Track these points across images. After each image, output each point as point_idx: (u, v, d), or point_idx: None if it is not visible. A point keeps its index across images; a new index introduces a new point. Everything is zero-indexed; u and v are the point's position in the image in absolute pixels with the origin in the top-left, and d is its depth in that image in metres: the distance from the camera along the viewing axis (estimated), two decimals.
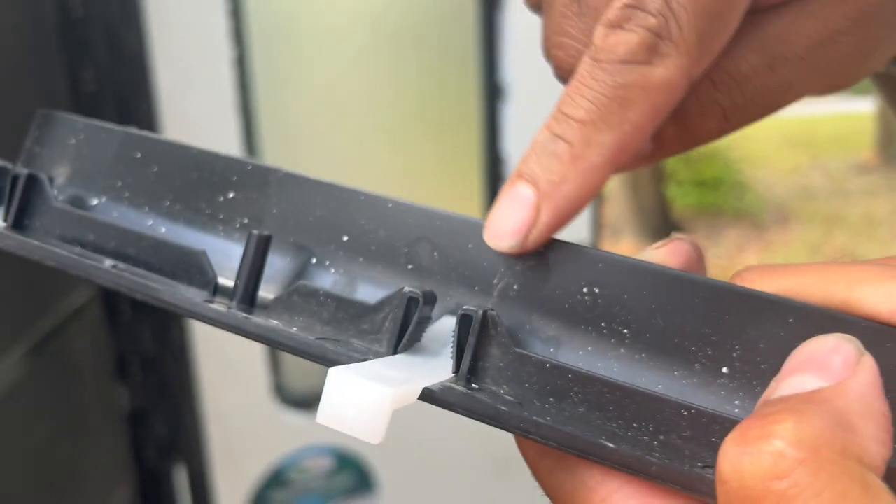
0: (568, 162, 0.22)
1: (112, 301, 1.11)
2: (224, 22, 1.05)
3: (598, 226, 1.42)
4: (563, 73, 0.27)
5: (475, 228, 0.24)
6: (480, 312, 0.22)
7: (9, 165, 0.30)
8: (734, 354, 0.20)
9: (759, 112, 0.29)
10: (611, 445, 0.19)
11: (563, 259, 0.23)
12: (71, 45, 1.03)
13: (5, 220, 0.29)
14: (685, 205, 6.99)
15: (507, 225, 0.22)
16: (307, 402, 1.25)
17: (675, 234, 0.25)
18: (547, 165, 0.23)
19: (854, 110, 16.25)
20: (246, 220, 0.28)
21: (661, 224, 6.14)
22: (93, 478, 1.04)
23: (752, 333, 0.20)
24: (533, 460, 0.24)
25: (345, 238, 0.26)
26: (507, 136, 1.28)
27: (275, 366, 1.21)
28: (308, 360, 0.23)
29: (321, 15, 1.14)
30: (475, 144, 1.28)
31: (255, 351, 1.16)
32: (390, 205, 0.25)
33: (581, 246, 0.23)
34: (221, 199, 0.28)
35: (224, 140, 1.08)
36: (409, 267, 0.25)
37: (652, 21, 0.22)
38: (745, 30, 0.25)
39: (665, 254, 0.23)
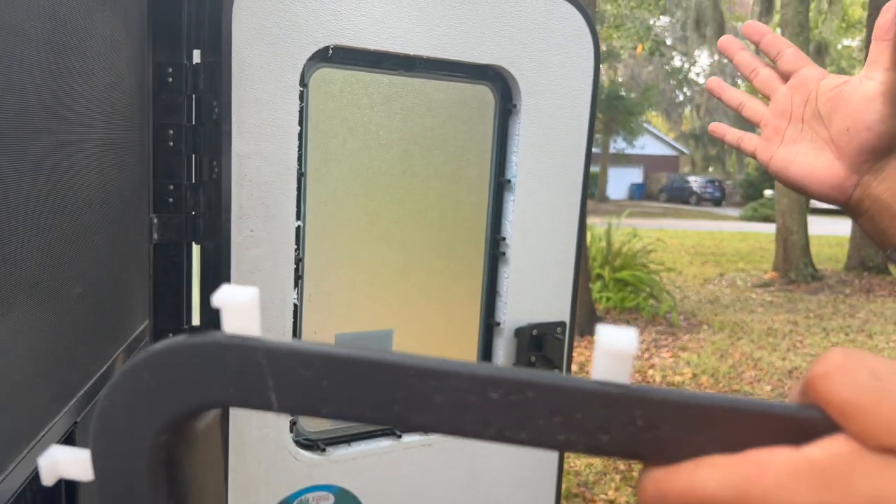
0: None
1: (159, 337, 1.22)
2: (297, 102, 1.23)
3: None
4: None
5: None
6: None
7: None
8: None
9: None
10: None
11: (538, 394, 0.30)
12: (159, 106, 1.18)
13: None
14: (608, 304, 7.38)
15: None
16: (318, 443, 1.37)
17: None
18: None
19: (755, 230, 17.49)
20: None
21: (587, 319, 6.47)
22: None
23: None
24: None
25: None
26: (507, 220, 1.50)
27: None
28: None
29: (367, 110, 1.34)
30: (483, 224, 1.49)
31: None
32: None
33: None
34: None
35: (283, 204, 1.24)
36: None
37: None
38: None
39: None
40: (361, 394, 0.29)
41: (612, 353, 0.29)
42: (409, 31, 1.30)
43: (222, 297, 0.30)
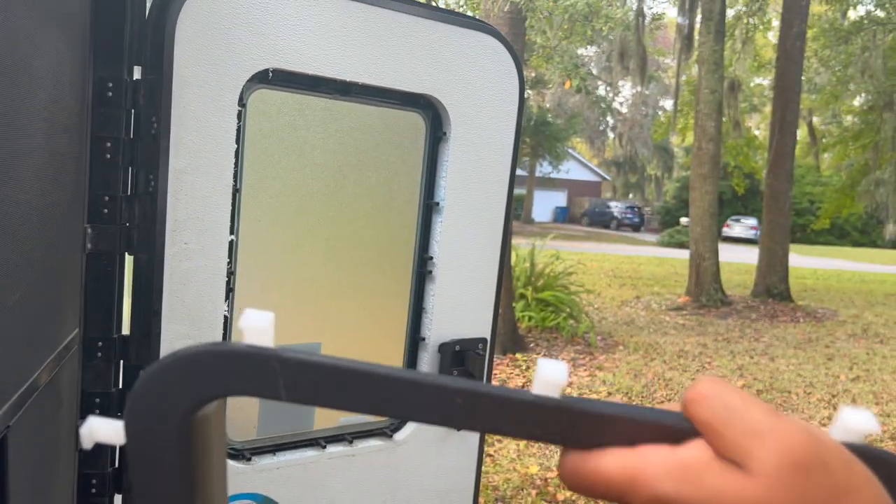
0: None
1: (89, 345, 1.24)
2: (235, 120, 1.28)
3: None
4: None
5: None
6: None
7: None
8: None
9: None
10: None
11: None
12: (98, 120, 1.20)
13: None
14: (530, 323, 7.56)
15: None
16: (243, 453, 1.40)
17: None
18: None
19: (671, 255, 18.10)
20: None
21: (509, 338, 6.62)
22: None
23: None
24: None
25: None
26: (435, 240, 1.57)
27: None
28: None
29: (303, 132, 1.40)
30: (412, 244, 1.56)
31: None
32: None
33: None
34: None
35: (218, 219, 1.28)
36: None
37: None
38: None
39: None
40: (353, 394, 0.38)
41: (546, 379, 0.38)
42: (346, 57, 1.37)
43: (246, 320, 0.39)
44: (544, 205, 35.74)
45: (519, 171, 27.47)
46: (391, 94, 1.46)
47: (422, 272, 1.58)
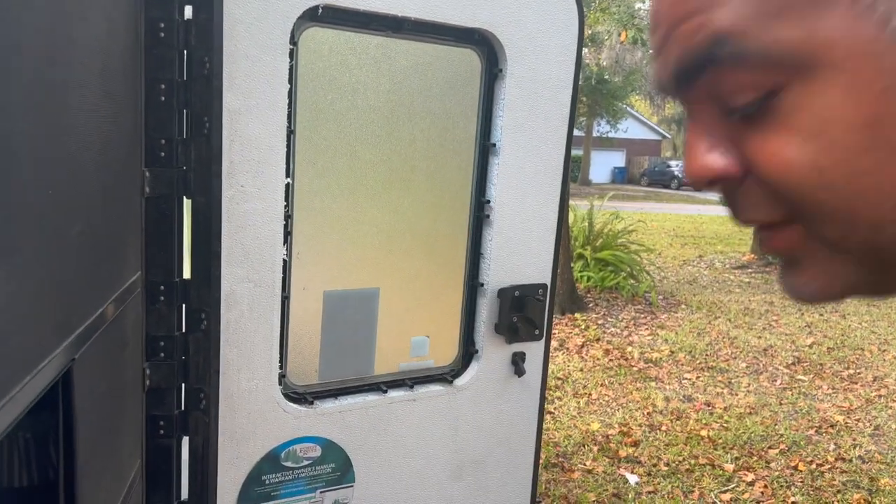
0: None
1: (151, 289, 1.25)
2: (286, 60, 1.25)
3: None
4: None
5: None
6: None
7: None
8: None
9: None
10: None
11: None
12: (151, 61, 1.20)
13: None
14: (589, 283, 7.46)
15: None
16: (306, 396, 1.40)
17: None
18: None
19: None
20: None
21: (568, 297, 6.55)
22: (123, 447, 1.15)
23: None
24: None
25: None
26: (492, 183, 1.53)
27: (283, 360, 1.36)
28: None
29: (356, 71, 1.36)
30: (468, 187, 1.52)
31: (273, 343, 1.31)
32: None
33: None
34: None
35: (273, 161, 1.26)
36: None
37: None
38: None
39: None
40: None
41: None
42: None
43: None
44: (602, 165, 35.08)
45: (575, 132, 26.97)
46: (444, 30, 1.41)
47: (479, 216, 1.54)
